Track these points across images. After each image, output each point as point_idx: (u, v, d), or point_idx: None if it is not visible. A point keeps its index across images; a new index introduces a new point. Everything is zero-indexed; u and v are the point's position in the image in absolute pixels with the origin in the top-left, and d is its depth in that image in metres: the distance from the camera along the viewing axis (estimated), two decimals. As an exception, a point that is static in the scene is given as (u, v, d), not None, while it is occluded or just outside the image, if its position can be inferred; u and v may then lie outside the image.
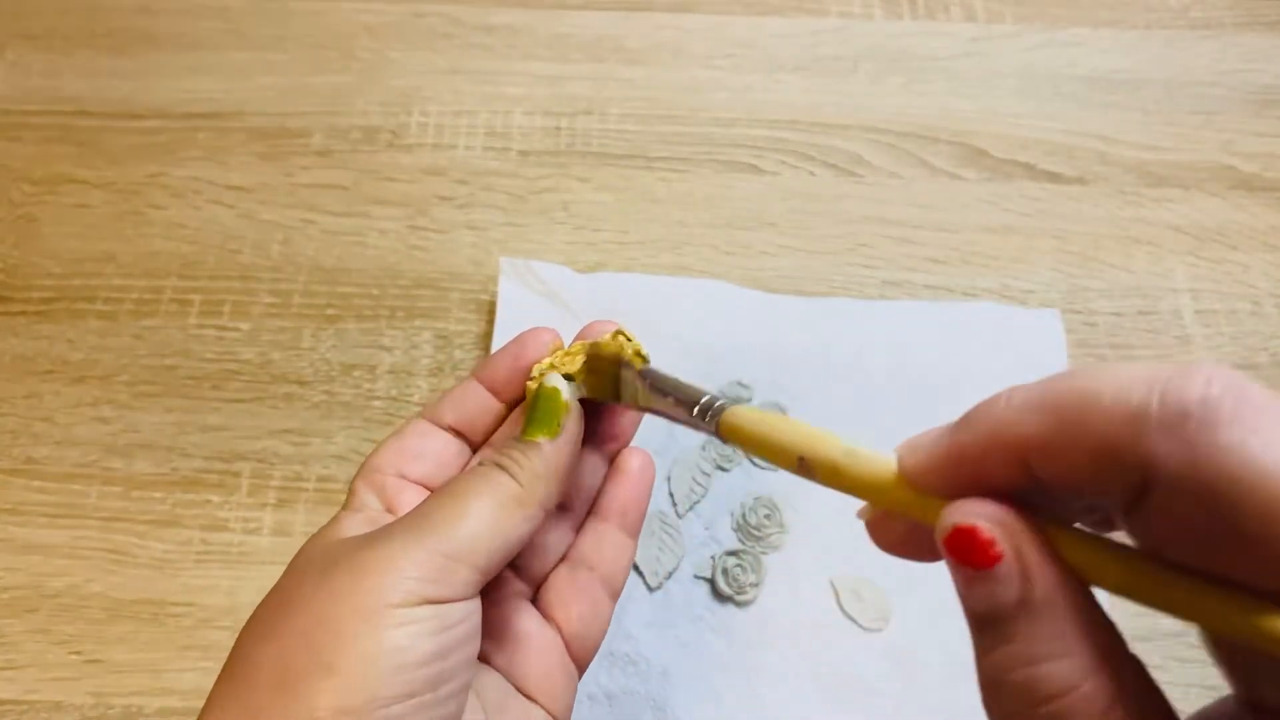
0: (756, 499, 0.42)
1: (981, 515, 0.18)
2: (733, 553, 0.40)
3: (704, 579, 0.40)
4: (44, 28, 0.56)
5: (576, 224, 0.50)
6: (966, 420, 0.19)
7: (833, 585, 0.40)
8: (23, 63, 0.55)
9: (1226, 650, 0.18)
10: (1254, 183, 0.51)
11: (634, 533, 0.30)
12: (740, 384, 0.44)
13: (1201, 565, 0.16)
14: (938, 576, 0.44)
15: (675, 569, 0.40)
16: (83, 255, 0.49)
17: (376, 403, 0.45)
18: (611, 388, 0.28)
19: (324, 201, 0.50)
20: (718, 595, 0.40)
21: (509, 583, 0.29)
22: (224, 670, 0.23)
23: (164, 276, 0.48)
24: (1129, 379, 0.17)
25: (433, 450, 0.29)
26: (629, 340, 0.28)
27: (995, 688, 0.18)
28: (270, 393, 0.45)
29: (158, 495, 0.43)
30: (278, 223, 0.50)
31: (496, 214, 0.50)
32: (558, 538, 0.30)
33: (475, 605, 0.25)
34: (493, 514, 0.25)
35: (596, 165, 0.52)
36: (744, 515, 0.41)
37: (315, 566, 0.24)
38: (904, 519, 0.21)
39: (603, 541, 0.30)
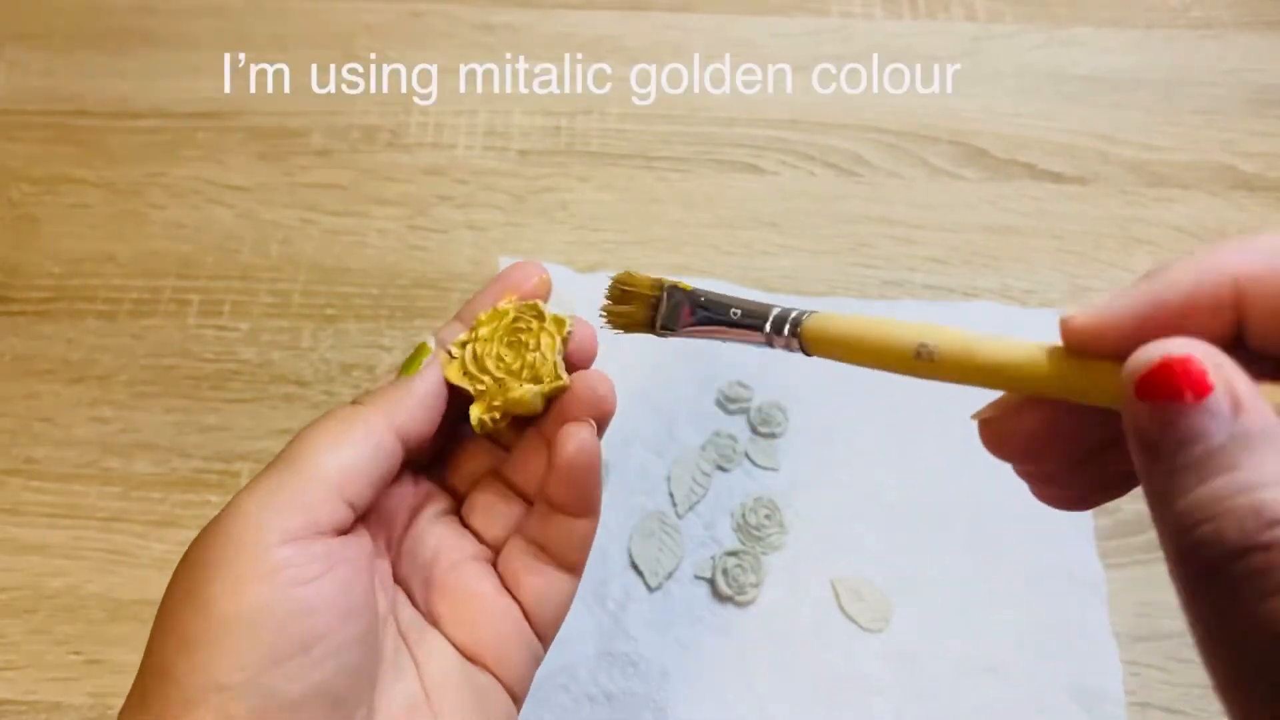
0: (756, 499, 0.42)
1: (1191, 348, 0.17)
2: (733, 553, 0.40)
3: (704, 579, 0.40)
4: (43, 27, 0.56)
5: (576, 224, 0.50)
6: (1159, 273, 0.17)
7: (833, 585, 0.40)
8: (22, 63, 0.55)
9: None
10: (1254, 183, 0.51)
11: (579, 512, 0.28)
12: (740, 384, 0.44)
13: None
14: (939, 577, 0.44)
15: (675, 569, 0.40)
16: (82, 255, 0.49)
17: (376, 403, 0.45)
18: (646, 316, 0.26)
19: (324, 201, 0.50)
20: (718, 595, 0.40)
21: (465, 545, 0.29)
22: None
23: (163, 276, 0.48)
24: None
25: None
26: (541, 310, 0.28)
27: (1211, 519, 0.17)
28: (270, 393, 0.45)
29: (157, 495, 0.43)
30: (277, 222, 0.50)
31: (496, 214, 0.50)
32: (510, 509, 0.29)
33: (345, 548, 0.24)
34: (333, 433, 0.25)
35: (596, 165, 0.52)
36: (744, 515, 0.41)
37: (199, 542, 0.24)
38: (1034, 412, 0.19)
39: (547, 520, 0.28)
